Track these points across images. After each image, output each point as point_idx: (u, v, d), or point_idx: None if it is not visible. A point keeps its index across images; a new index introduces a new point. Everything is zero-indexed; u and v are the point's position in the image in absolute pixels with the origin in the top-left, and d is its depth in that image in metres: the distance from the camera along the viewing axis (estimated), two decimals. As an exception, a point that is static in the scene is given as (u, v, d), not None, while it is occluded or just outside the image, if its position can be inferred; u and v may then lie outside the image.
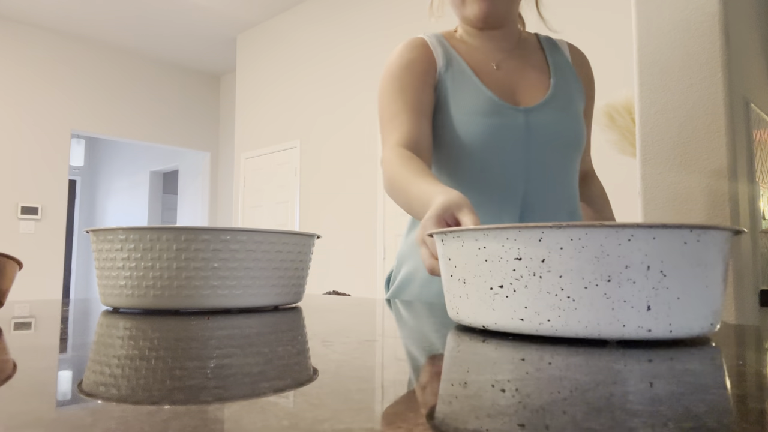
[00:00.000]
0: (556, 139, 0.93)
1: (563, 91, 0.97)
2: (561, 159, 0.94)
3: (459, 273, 0.49)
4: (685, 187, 1.13)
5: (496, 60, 0.98)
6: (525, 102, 0.95)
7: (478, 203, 0.92)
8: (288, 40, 5.24)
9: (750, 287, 1.18)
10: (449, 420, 0.22)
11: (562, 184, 0.95)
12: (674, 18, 1.17)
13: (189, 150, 6.70)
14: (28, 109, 5.53)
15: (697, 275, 0.42)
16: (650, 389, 0.27)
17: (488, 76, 0.95)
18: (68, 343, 0.42)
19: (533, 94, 0.95)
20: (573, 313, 0.42)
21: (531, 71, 0.98)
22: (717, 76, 1.11)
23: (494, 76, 0.96)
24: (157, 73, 6.50)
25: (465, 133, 0.91)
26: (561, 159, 0.94)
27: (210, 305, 0.66)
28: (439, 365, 0.33)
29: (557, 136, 0.93)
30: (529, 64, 0.99)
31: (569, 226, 0.41)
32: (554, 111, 0.94)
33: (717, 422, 0.21)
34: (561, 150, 0.93)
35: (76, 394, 0.25)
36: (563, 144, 0.93)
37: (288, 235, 0.71)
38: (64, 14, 5.39)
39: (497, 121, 0.90)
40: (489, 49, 0.99)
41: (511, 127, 0.91)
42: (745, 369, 0.33)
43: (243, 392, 0.26)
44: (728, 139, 1.10)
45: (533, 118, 0.92)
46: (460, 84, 0.93)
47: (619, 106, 1.85)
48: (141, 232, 0.65)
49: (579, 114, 0.97)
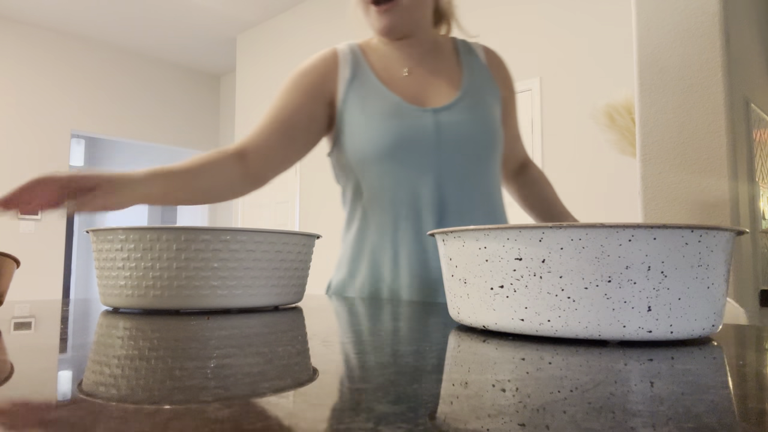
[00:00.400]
0: (468, 139, 0.93)
1: (475, 92, 0.98)
2: (475, 160, 0.94)
3: (460, 273, 0.49)
4: (685, 187, 1.13)
5: (407, 66, 1.00)
6: (434, 104, 0.96)
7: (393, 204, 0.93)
8: (288, 40, 5.24)
9: (750, 287, 1.18)
10: (450, 420, 0.22)
11: (478, 185, 0.95)
12: (674, 18, 1.17)
13: (189, 150, 6.70)
14: (28, 109, 5.53)
15: (699, 276, 0.42)
16: (651, 389, 0.27)
17: (396, 82, 0.97)
18: (68, 343, 0.42)
19: (443, 96, 0.96)
20: (573, 314, 0.42)
21: (442, 75, 0.99)
22: (717, 76, 1.11)
23: (403, 81, 0.98)
24: (157, 73, 6.50)
25: (373, 138, 0.92)
26: (475, 160, 0.94)
27: (210, 305, 0.66)
28: (440, 365, 0.33)
29: (468, 136, 0.93)
30: (441, 69, 1.00)
31: (569, 227, 0.41)
32: (464, 111, 0.94)
33: (718, 422, 0.21)
34: (473, 150, 0.94)
35: (76, 394, 0.25)
36: (475, 144, 0.94)
37: (288, 235, 0.71)
38: (65, 14, 5.38)
39: (404, 123, 0.92)
40: (400, 57, 1.01)
41: (419, 128, 0.92)
42: (746, 369, 0.33)
43: (243, 392, 0.26)
44: (728, 139, 1.10)
45: (442, 118, 0.93)
46: (367, 92, 0.95)
47: (619, 106, 1.85)
48: (141, 232, 0.65)
49: (493, 114, 0.98)
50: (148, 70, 6.44)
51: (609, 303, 0.41)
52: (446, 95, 0.96)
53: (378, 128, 0.92)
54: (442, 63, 1.01)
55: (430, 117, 0.93)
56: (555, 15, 3.29)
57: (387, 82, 0.97)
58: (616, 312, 0.41)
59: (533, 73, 3.35)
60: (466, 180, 0.94)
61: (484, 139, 0.95)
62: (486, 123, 0.96)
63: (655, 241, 0.41)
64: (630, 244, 0.41)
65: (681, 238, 0.41)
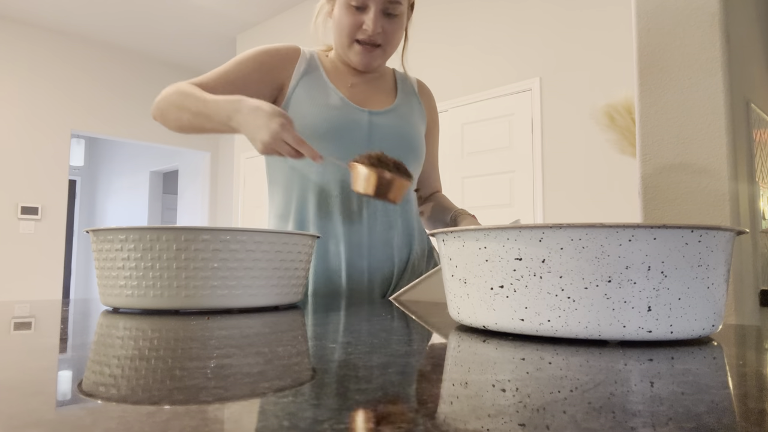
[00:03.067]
0: (396, 140, 1.08)
1: (405, 108, 1.15)
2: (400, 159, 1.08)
3: (460, 273, 0.49)
4: (685, 187, 1.13)
5: (352, 81, 1.14)
6: (370, 107, 1.11)
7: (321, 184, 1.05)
8: (288, 40, 5.24)
9: (750, 287, 1.18)
10: (450, 420, 0.22)
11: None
12: (674, 18, 1.17)
13: (189, 150, 6.70)
14: (28, 109, 5.53)
15: (699, 276, 0.42)
16: (651, 389, 0.27)
17: (342, 87, 1.12)
18: (68, 343, 0.42)
19: (378, 104, 1.12)
20: (573, 314, 0.42)
21: (380, 91, 1.16)
22: (717, 76, 1.11)
23: (347, 89, 1.12)
24: (158, 73, 6.50)
25: (315, 121, 1.04)
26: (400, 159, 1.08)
27: (210, 305, 0.66)
28: (440, 365, 0.33)
29: (397, 137, 1.09)
30: (379, 87, 1.16)
31: (569, 227, 0.41)
32: (395, 118, 1.11)
33: (718, 422, 0.21)
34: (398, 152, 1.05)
35: (76, 394, 0.25)
36: (400, 146, 1.08)
37: (288, 235, 0.71)
38: (65, 14, 5.38)
39: (343, 114, 1.06)
40: (348, 73, 1.15)
41: (355, 121, 1.06)
42: (746, 369, 0.33)
43: (243, 392, 0.26)
44: (728, 139, 1.10)
45: (376, 119, 1.09)
46: (316, 85, 1.09)
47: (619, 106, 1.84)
48: (141, 232, 0.65)
49: (418, 128, 1.15)
50: (149, 70, 6.44)
51: (609, 303, 0.41)
52: (381, 104, 1.13)
53: (319, 114, 1.05)
54: (381, 84, 1.18)
55: (366, 116, 1.08)
56: (555, 15, 3.29)
57: (334, 82, 1.11)
58: (616, 312, 0.41)
59: (533, 73, 3.35)
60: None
61: (408, 145, 1.10)
62: (411, 132, 1.12)
63: (655, 241, 0.41)
64: (630, 244, 0.41)
65: (681, 238, 0.41)
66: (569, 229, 0.41)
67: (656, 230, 0.41)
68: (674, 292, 0.41)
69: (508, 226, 0.44)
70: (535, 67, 3.36)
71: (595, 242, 0.41)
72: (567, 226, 0.41)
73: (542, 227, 0.42)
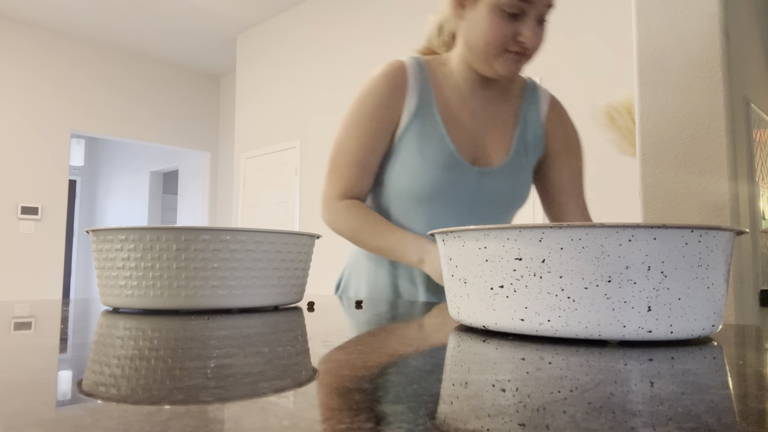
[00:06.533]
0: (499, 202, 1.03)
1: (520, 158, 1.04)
2: (497, 216, 1.05)
3: (460, 273, 0.49)
4: (685, 187, 1.13)
5: (470, 108, 1.02)
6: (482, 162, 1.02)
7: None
8: (288, 40, 5.24)
9: (750, 287, 1.18)
10: (450, 420, 0.22)
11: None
12: (674, 18, 1.17)
13: (189, 150, 6.70)
14: (28, 109, 5.53)
15: (699, 276, 0.42)
16: (651, 389, 0.27)
17: (456, 127, 1.01)
18: (68, 343, 0.42)
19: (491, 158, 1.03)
20: (573, 314, 0.42)
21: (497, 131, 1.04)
22: (717, 76, 1.11)
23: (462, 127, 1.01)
24: (157, 73, 6.50)
25: (422, 182, 0.98)
26: (497, 216, 1.05)
27: (210, 305, 0.66)
28: (440, 365, 0.33)
29: (501, 199, 1.03)
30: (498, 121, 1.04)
31: (569, 227, 0.41)
32: (505, 177, 1.02)
33: (718, 422, 0.21)
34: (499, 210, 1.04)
35: (76, 394, 0.25)
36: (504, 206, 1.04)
37: (288, 235, 0.71)
38: (64, 14, 5.38)
39: (451, 176, 0.99)
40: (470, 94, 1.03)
41: (463, 183, 1.00)
42: (746, 369, 0.33)
43: (243, 392, 0.26)
44: (728, 139, 1.10)
45: (484, 180, 1.01)
46: (428, 132, 0.98)
47: (619, 106, 1.84)
48: (141, 232, 0.65)
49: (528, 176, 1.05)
50: (148, 70, 6.44)
51: (609, 303, 0.41)
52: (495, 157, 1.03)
53: (428, 174, 0.98)
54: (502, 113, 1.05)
55: (475, 176, 1.00)
56: (555, 15, 3.29)
57: (447, 123, 1.00)
58: (616, 312, 0.41)
59: (533, 73, 3.35)
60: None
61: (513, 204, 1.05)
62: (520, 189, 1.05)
63: (655, 241, 0.41)
64: (630, 244, 0.41)
65: (681, 238, 0.41)
66: (569, 229, 0.41)
67: (656, 230, 0.41)
68: (674, 292, 0.41)
69: (508, 226, 0.44)
70: (535, 67, 3.36)
71: (595, 242, 0.41)
72: (567, 226, 0.41)
73: (542, 227, 0.42)
